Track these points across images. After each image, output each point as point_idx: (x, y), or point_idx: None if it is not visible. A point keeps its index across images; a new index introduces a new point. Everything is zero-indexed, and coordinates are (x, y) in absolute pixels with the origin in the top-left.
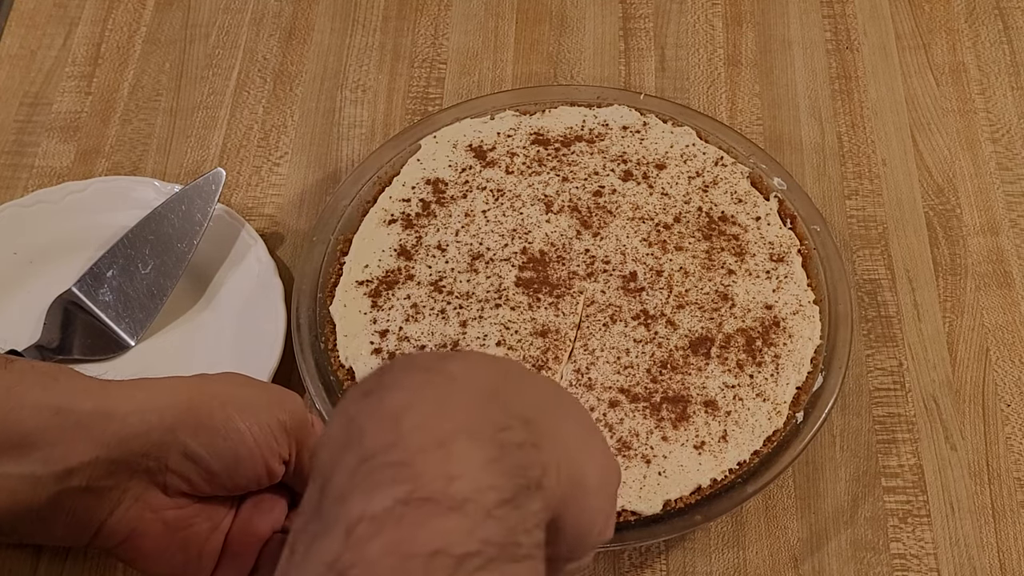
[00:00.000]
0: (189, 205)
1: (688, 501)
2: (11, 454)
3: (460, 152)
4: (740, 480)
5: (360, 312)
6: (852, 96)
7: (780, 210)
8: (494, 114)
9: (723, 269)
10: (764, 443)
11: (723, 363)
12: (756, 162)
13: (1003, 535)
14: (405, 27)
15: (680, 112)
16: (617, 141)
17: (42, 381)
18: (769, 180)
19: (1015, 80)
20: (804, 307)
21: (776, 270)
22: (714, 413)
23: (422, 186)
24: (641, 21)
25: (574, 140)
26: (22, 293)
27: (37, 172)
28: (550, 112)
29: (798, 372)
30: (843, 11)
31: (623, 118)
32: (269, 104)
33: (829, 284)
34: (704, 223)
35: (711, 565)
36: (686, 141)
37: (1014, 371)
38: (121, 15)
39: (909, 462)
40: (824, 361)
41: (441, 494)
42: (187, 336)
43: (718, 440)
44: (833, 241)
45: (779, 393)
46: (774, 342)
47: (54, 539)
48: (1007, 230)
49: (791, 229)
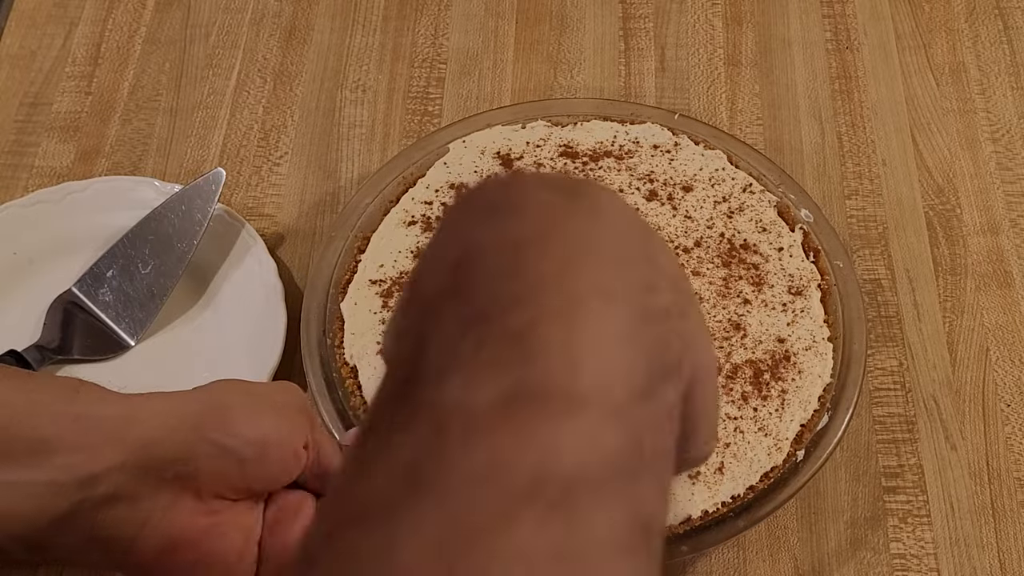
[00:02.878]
0: (189, 205)
1: (676, 531)
2: (31, 461)
3: (487, 159)
4: (732, 514)
5: (370, 311)
6: (852, 96)
7: (804, 243)
8: (525, 123)
9: (739, 298)
10: (761, 479)
11: (728, 393)
12: (785, 191)
13: (1003, 535)
14: (405, 27)
15: (713, 135)
16: (646, 159)
17: (64, 393)
18: (796, 211)
19: (1015, 80)
20: (818, 343)
21: (793, 303)
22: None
23: (446, 190)
24: (641, 21)
25: (603, 155)
26: (22, 293)
27: (37, 172)
28: (582, 125)
29: (804, 409)
30: (843, 11)
31: (655, 136)
32: (269, 104)
33: (846, 322)
34: (725, 250)
35: (711, 565)
36: (716, 165)
37: (1014, 371)
38: (121, 15)
39: (909, 462)
40: (832, 401)
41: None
42: (187, 336)
43: (714, 471)
44: (855, 278)
45: (782, 429)
46: (782, 376)
47: (85, 558)
48: (1007, 230)
49: (814, 263)
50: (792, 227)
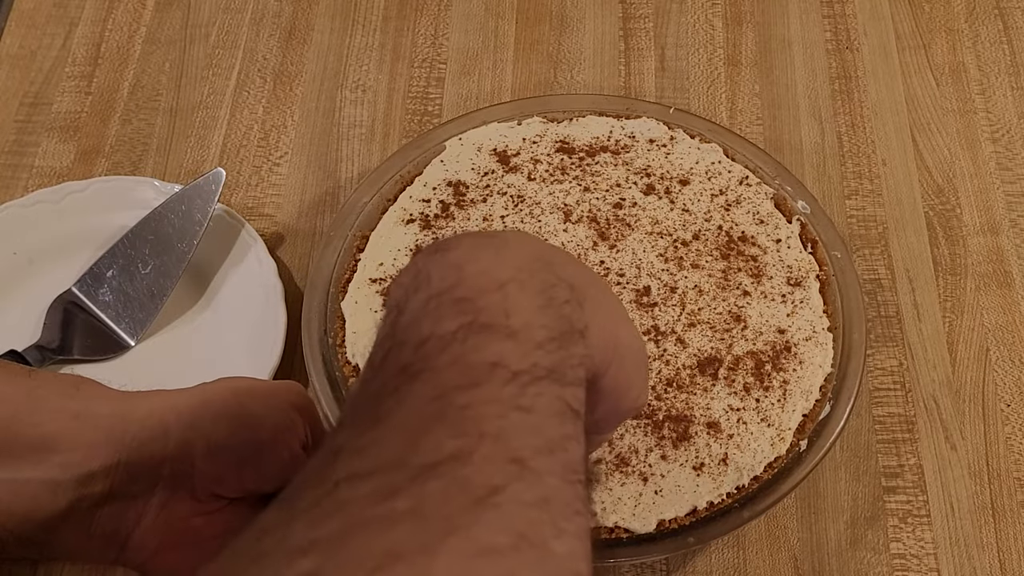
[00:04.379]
0: (189, 205)
1: (683, 522)
2: (31, 458)
3: (484, 156)
4: (737, 505)
5: (371, 310)
6: (852, 96)
7: (802, 234)
8: (521, 119)
9: (738, 290)
10: (765, 469)
11: (730, 385)
12: (782, 183)
13: (1003, 535)
14: (405, 27)
15: (708, 128)
16: (643, 154)
17: (64, 389)
18: (793, 203)
19: (1015, 80)
20: (818, 334)
21: (792, 294)
22: (716, 435)
23: (443, 187)
24: (641, 21)
25: (599, 150)
26: (22, 293)
27: (37, 172)
28: (577, 121)
29: (805, 399)
30: (843, 11)
31: (650, 131)
32: (269, 104)
33: (845, 312)
34: (723, 242)
35: (711, 565)
36: (712, 158)
37: (1014, 371)
38: (121, 15)
39: (909, 462)
40: (833, 390)
41: (500, 324)
42: (187, 336)
43: (718, 463)
44: (853, 268)
45: (784, 420)
46: (784, 367)
47: (82, 554)
48: (1007, 230)
49: (811, 254)
50: (789, 218)
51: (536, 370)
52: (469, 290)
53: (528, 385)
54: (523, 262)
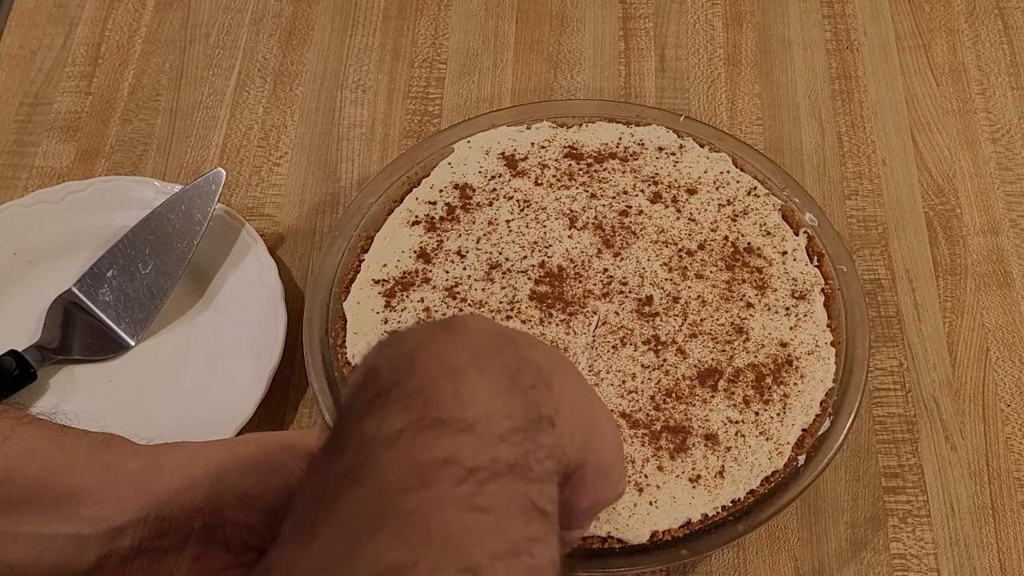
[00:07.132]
0: (189, 205)
1: (676, 534)
2: (59, 512)
3: (492, 159)
4: (732, 518)
5: (373, 311)
6: (852, 96)
7: (808, 247)
8: (531, 124)
9: (742, 301)
10: (761, 483)
11: (729, 397)
12: (790, 195)
13: (1003, 535)
14: (405, 27)
15: (718, 137)
16: (651, 161)
17: (94, 444)
18: (801, 215)
19: (1015, 80)
20: (820, 348)
21: (796, 307)
22: (714, 447)
23: (450, 190)
24: (641, 21)
25: (607, 157)
26: (22, 293)
27: (37, 172)
28: (587, 126)
29: (805, 414)
30: (843, 11)
31: (660, 139)
32: (269, 104)
33: (849, 327)
34: (728, 253)
35: (711, 565)
36: (721, 168)
37: (1014, 371)
38: (121, 15)
39: (909, 462)
40: (834, 406)
41: (452, 417)
42: (187, 336)
43: (715, 475)
44: (859, 283)
45: (783, 433)
46: (784, 381)
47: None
48: (1007, 230)
49: (817, 267)
50: (796, 231)
51: (496, 465)
52: (420, 380)
53: (486, 483)
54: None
